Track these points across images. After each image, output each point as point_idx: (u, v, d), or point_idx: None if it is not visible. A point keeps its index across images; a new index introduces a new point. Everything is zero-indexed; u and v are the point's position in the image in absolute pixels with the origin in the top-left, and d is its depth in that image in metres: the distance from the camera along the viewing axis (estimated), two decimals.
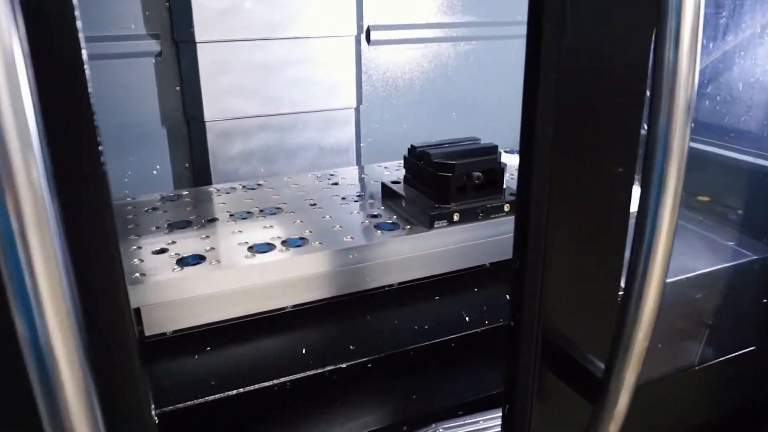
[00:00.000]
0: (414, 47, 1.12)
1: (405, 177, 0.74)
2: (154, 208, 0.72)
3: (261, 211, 0.71)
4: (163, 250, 0.61)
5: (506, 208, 0.67)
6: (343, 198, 0.75)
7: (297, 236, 0.63)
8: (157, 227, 0.66)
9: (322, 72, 1.01)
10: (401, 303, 0.65)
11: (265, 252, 0.60)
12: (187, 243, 0.62)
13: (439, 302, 0.65)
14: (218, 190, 0.79)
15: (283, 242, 0.62)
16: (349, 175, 0.85)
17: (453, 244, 0.66)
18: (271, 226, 0.66)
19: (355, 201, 0.73)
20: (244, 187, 0.80)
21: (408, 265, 0.65)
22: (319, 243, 0.62)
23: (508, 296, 0.54)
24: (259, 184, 0.81)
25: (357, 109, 1.05)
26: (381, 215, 0.69)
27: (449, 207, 0.65)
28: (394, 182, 0.74)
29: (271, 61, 0.97)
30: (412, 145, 0.71)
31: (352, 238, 0.63)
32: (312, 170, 1.05)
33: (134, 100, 0.94)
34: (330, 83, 1.01)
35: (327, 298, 0.62)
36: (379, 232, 0.64)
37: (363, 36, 1.05)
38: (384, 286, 0.64)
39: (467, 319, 0.63)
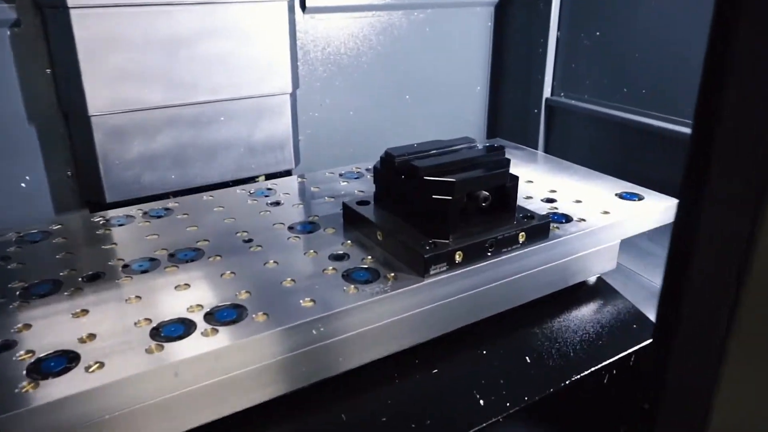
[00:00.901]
0: (359, 16, 0.89)
1: (377, 196, 0.52)
2: (2, 258, 0.47)
3: (171, 255, 0.47)
4: (6, 346, 0.37)
5: (521, 237, 0.47)
6: (290, 228, 0.52)
7: (229, 302, 0.41)
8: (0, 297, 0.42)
9: (246, 47, 0.76)
10: (386, 384, 0.44)
11: (179, 338, 0.37)
12: (51, 326, 0.38)
13: (438, 379, 0.45)
14: (107, 220, 0.54)
15: (208, 315, 0.39)
16: (291, 187, 0.62)
17: (454, 295, 0.45)
18: (187, 285, 0.43)
19: (307, 231, 0.51)
20: (145, 213, 0.56)
21: (395, 332, 0.44)
22: (265, 314, 0.39)
23: None
24: (167, 209, 0.57)
25: (293, 95, 0.82)
26: (348, 255, 0.47)
27: (448, 242, 0.45)
28: (360, 203, 0.52)
29: (178, 34, 0.72)
30: (387, 152, 0.49)
31: (313, 301, 0.41)
32: (239, 173, 0.81)
33: None
34: (257, 62, 0.77)
35: (278, 396, 0.40)
36: (353, 287, 0.42)
37: (297, 2, 0.82)
38: (361, 367, 0.43)
39: (482, 402, 0.43)
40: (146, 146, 0.74)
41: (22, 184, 0.72)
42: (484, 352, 0.47)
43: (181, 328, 0.38)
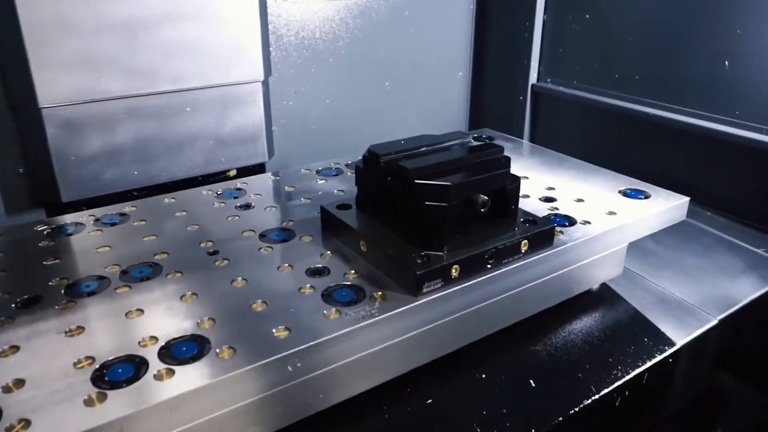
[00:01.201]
0: None
1: (359, 199, 0.45)
2: None
3: (124, 272, 0.40)
4: None
5: (524, 246, 0.41)
6: (262, 236, 0.45)
7: (189, 333, 0.34)
8: None
9: (214, 32, 0.68)
10: (374, 418, 0.38)
11: (127, 382, 0.30)
12: None
13: (432, 411, 0.39)
14: (52, 229, 0.46)
15: (163, 351, 0.32)
16: (263, 187, 0.55)
17: (451, 315, 0.39)
18: (140, 311, 0.36)
19: (281, 240, 0.44)
20: (97, 220, 0.48)
21: (383, 361, 0.37)
22: (231, 349, 0.32)
23: None
24: (122, 215, 0.49)
25: (265, 83, 0.74)
26: (328, 270, 0.40)
27: (443, 255, 0.38)
28: (341, 206, 0.45)
29: (138, 16, 0.64)
30: (370, 150, 0.42)
31: (288, 329, 0.34)
32: (208, 167, 0.73)
33: None
34: (226, 48, 0.69)
35: None
36: (334, 311, 0.36)
37: None
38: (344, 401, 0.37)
39: None
40: (105, 140, 0.66)
41: None
42: (483, 376, 0.41)
43: (130, 369, 0.31)
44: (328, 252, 0.42)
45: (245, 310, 0.36)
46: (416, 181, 0.38)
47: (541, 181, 0.54)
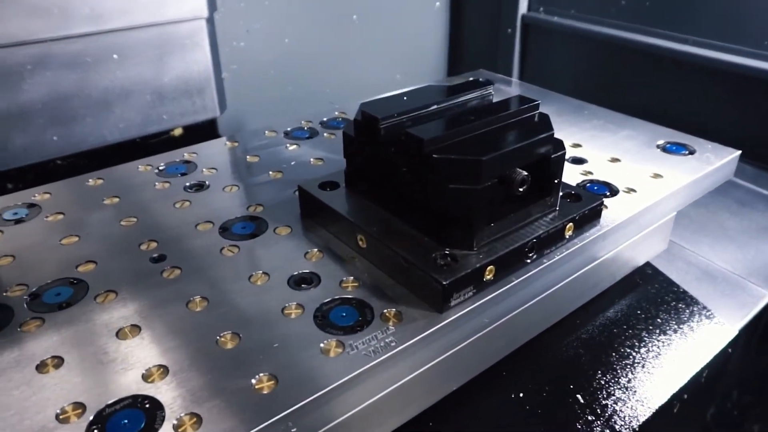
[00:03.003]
0: None
1: (349, 174, 0.35)
2: None
3: (34, 297, 0.29)
4: None
5: (568, 231, 0.32)
6: (223, 229, 0.34)
7: (130, 395, 0.24)
8: None
9: None
10: None
11: None
12: None
13: None
14: None
15: (94, 428, 0.22)
16: (218, 157, 0.43)
17: (484, 329, 0.30)
18: (57, 359, 0.25)
19: (249, 234, 0.34)
20: None
21: (400, 401, 0.28)
22: (193, 418, 0.23)
23: None
24: (31, 206, 0.37)
25: (210, 20, 0.61)
26: (317, 277, 0.30)
27: (473, 253, 0.29)
28: (324, 185, 0.35)
29: None
30: (363, 111, 0.31)
31: (274, 378, 0.24)
32: (146, 128, 0.61)
33: None
34: None
35: None
36: (334, 343, 0.26)
37: None
38: None
39: None
40: (10, 99, 0.53)
41: None
42: (521, 395, 0.33)
43: None
44: (315, 250, 0.32)
45: (210, 349, 0.26)
46: (435, 155, 0.28)
47: (565, 137, 0.44)
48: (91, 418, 0.23)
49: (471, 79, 0.37)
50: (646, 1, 0.65)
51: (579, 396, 0.33)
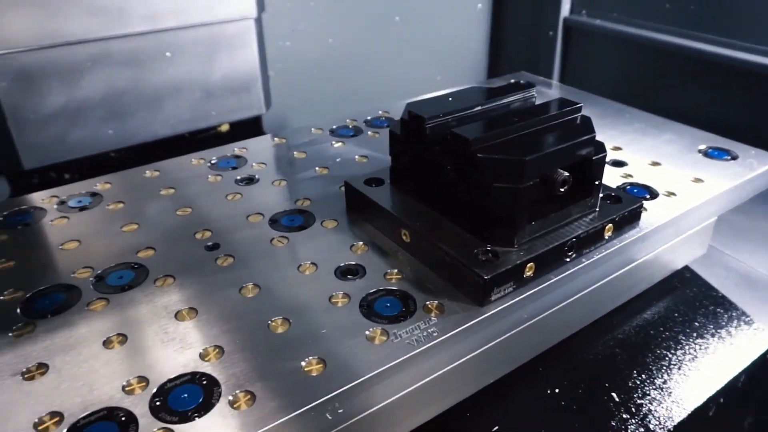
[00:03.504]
0: None
1: (394, 171, 0.36)
2: None
3: (99, 279, 0.31)
4: None
5: (607, 231, 0.33)
6: (272, 221, 0.36)
7: (189, 371, 0.25)
8: None
9: None
10: None
11: None
12: None
13: None
14: (4, 218, 0.37)
15: (156, 399, 0.24)
16: (266, 153, 0.45)
17: (523, 323, 0.31)
18: (122, 337, 0.27)
19: (298, 227, 0.35)
20: (62, 203, 0.38)
21: (440, 390, 0.29)
22: (248, 394, 0.24)
23: None
24: (93, 194, 0.39)
25: (258, 20, 0.63)
26: (363, 269, 0.31)
27: (514, 250, 0.30)
28: (371, 181, 0.36)
29: None
30: (410, 111, 0.32)
31: (322, 362, 0.26)
32: (195, 123, 0.63)
33: None
34: None
35: None
36: (379, 331, 0.27)
37: None
38: None
39: None
40: (70, 95, 0.56)
41: None
42: (556, 391, 0.33)
43: (113, 430, 0.23)
44: (360, 243, 0.33)
45: (261, 332, 0.27)
46: (480, 155, 0.29)
47: (604, 140, 0.45)
48: (155, 390, 0.24)
49: (512, 81, 0.38)
50: (690, 5, 0.64)
51: (614, 394, 0.34)
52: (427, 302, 0.29)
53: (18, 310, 0.29)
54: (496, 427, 0.31)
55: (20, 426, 0.23)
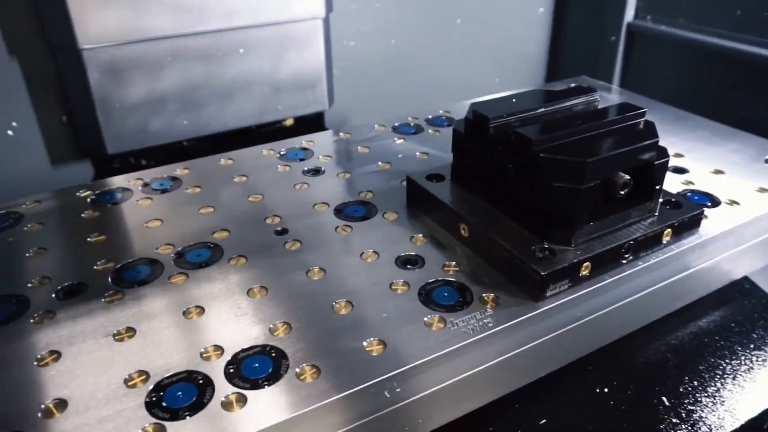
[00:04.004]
0: None
1: (456, 168, 0.37)
2: None
3: (179, 255, 0.34)
4: None
5: (666, 236, 0.33)
6: (337, 211, 0.38)
7: (259, 344, 0.27)
8: None
9: None
10: None
11: (188, 411, 0.24)
12: (5, 381, 0.26)
13: None
14: (96, 196, 0.40)
15: (230, 366, 0.26)
16: (332, 147, 0.47)
17: (576, 321, 0.31)
18: (199, 309, 0.29)
19: (360, 217, 0.37)
20: (146, 185, 0.41)
21: (492, 379, 0.30)
22: (313, 368, 0.26)
23: None
24: (174, 179, 0.42)
25: (326, 20, 0.65)
26: (422, 260, 0.33)
27: (571, 249, 0.30)
28: (432, 177, 0.37)
29: None
30: (475, 111, 0.33)
31: (383, 343, 0.27)
32: (262, 117, 0.66)
33: None
34: None
35: None
36: (436, 318, 0.29)
37: None
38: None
39: None
40: (151, 86, 0.59)
41: (9, 132, 0.58)
42: (606, 390, 0.34)
43: (192, 391, 0.25)
44: (420, 236, 0.34)
45: (326, 312, 0.29)
46: (542, 155, 0.29)
47: (666, 146, 0.44)
48: (229, 358, 0.26)
49: (573, 85, 0.38)
50: (763, 12, 0.62)
51: (664, 398, 0.34)
52: (484, 294, 0.30)
53: (109, 279, 0.32)
54: (544, 420, 0.32)
55: (113, 380, 0.25)
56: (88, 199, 0.40)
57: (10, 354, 0.27)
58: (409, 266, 0.32)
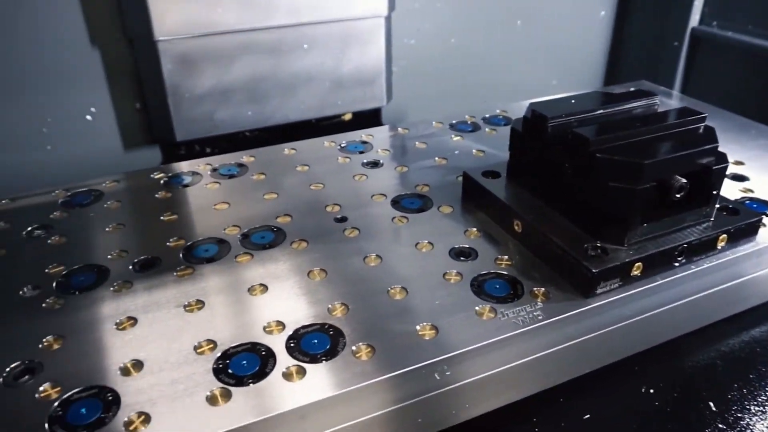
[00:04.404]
0: None
1: (512, 167, 0.38)
2: (43, 226, 0.37)
3: (245, 236, 0.36)
4: (28, 371, 0.26)
5: (721, 242, 0.33)
6: (394, 202, 0.39)
7: (319, 322, 0.29)
8: None
9: None
10: (519, 430, 0.32)
11: (253, 378, 0.26)
12: (88, 343, 0.28)
13: (589, 428, 0.32)
14: (169, 178, 0.43)
15: (291, 341, 0.28)
16: (391, 141, 0.48)
17: (624, 320, 0.32)
18: (263, 287, 0.31)
19: (416, 209, 0.38)
20: (214, 170, 0.44)
21: (538, 371, 0.31)
22: (369, 347, 0.27)
23: None
24: (240, 165, 0.44)
25: (388, 18, 0.66)
26: (475, 252, 0.34)
27: (623, 249, 0.31)
28: (488, 173, 0.38)
29: None
30: (534, 110, 0.34)
31: (435, 328, 0.28)
32: (322, 110, 0.68)
33: (43, 8, 0.55)
34: None
35: None
36: (488, 308, 0.29)
37: None
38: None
39: None
40: (219, 78, 0.62)
41: (88, 117, 0.61)
42: (652, 391, 0.34)
43: (255, 361, 0.26)
44: (474, 229, 0.35)
45: (381, 297, 0.30)
46: (599, 155, 0.30)
47: (726, 153, 0.44)
48: (290, 333, 0.28)
49: (632, 89, 0.38)
50: None
51: (711, 404, 0.34)
52: (534, 288, 0.30)
53: (180, 255, 0.34)
54: (587, 416, 0.32)
55: (184, 346, 0.27)
56: (162, 181, 0.42)
57: (93, 317, 0.30)
58: (462, 258, 0.33)
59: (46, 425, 0.24)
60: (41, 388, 0.25)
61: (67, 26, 0.56)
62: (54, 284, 0.32)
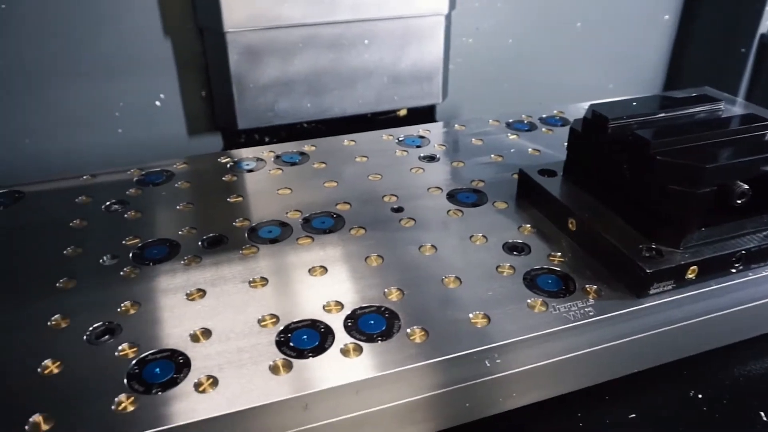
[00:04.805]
0: None
1: (569, 165, 0.38)
2: (120, 201, 0.40)
3: (306, 221, 0.37)
4: (109, 330, 0.29)
5: None
6: (450, 196, 0.40)
7: (375, 304, 0.30)
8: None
9: None
10: (564, 425, 0.32)
11: (312, 352, 0.27)
12: (162, 309, 0.30)
13: (634, 427, 0.32)
14: (235, 162, 0.45)
15: (349, 320, 0.29)
16: (448, 137, 0.49)
17: (676, 323, 0.32)
18: (323, 269, 0.33)
19: (471, 203, 0.39)
20: (278, 158, 0.45)
21: (585, 366, 0.31)
22: (423, 331, 0.28)
23: None
24: (302, 154, 0.46)
25: (447, 16, 0.67)
26: (528, 247, 0.34)
27: (679, 251, 0.31)
28: (544, 172, 0.39)
29: None
30: (594, 111, 0.34)
31: (487, 317, 0.29)
32: (379, 105, 0.69)
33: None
34: None
35: None
36: (539, 302, 0.30)
37: None
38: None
39: None
40: (282, 70, 0.64)
41: (157, 102, 0.65)
42: (699, 396, 0.34)
43: (315, 337, 0.28)
44: (527, 226, 0.36)
45: (436, 285, 0.31)
46: (659, 158, 0.30)
47: None
48: (348, 313, 0.29)
49: (695, 94, 0.38)
50: None
51: (762, 414, 0.33)
52: (587, 285, 0.31)
53: (245, 235, 0.36)
54: (633, 415, 0.33)
55: (249, 319, 0.29)
56: (228, 165, 0.44)
57: (165, 287, 0.32)
58: (515, 252, 0.34)
59: (125, 380, 0.26)
60: (120, 347, 0.28)
61: (143, 16, 0.59)
62: (130, 255, 0.34)
